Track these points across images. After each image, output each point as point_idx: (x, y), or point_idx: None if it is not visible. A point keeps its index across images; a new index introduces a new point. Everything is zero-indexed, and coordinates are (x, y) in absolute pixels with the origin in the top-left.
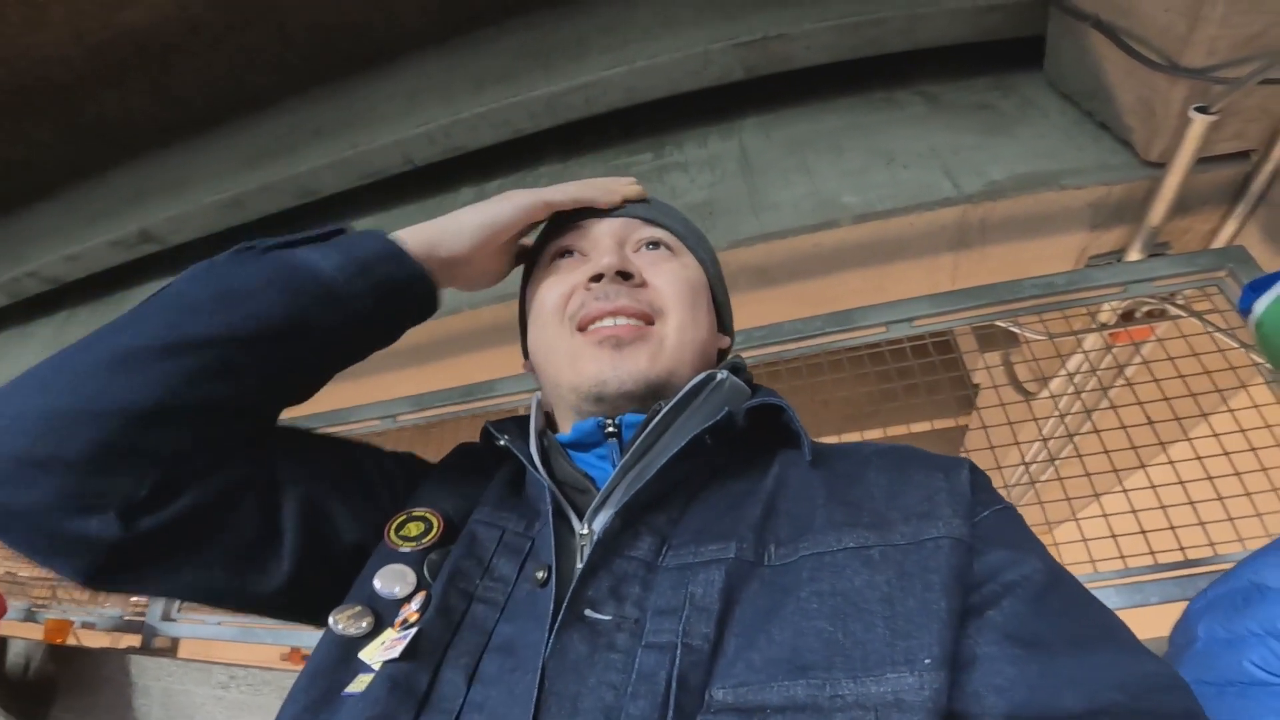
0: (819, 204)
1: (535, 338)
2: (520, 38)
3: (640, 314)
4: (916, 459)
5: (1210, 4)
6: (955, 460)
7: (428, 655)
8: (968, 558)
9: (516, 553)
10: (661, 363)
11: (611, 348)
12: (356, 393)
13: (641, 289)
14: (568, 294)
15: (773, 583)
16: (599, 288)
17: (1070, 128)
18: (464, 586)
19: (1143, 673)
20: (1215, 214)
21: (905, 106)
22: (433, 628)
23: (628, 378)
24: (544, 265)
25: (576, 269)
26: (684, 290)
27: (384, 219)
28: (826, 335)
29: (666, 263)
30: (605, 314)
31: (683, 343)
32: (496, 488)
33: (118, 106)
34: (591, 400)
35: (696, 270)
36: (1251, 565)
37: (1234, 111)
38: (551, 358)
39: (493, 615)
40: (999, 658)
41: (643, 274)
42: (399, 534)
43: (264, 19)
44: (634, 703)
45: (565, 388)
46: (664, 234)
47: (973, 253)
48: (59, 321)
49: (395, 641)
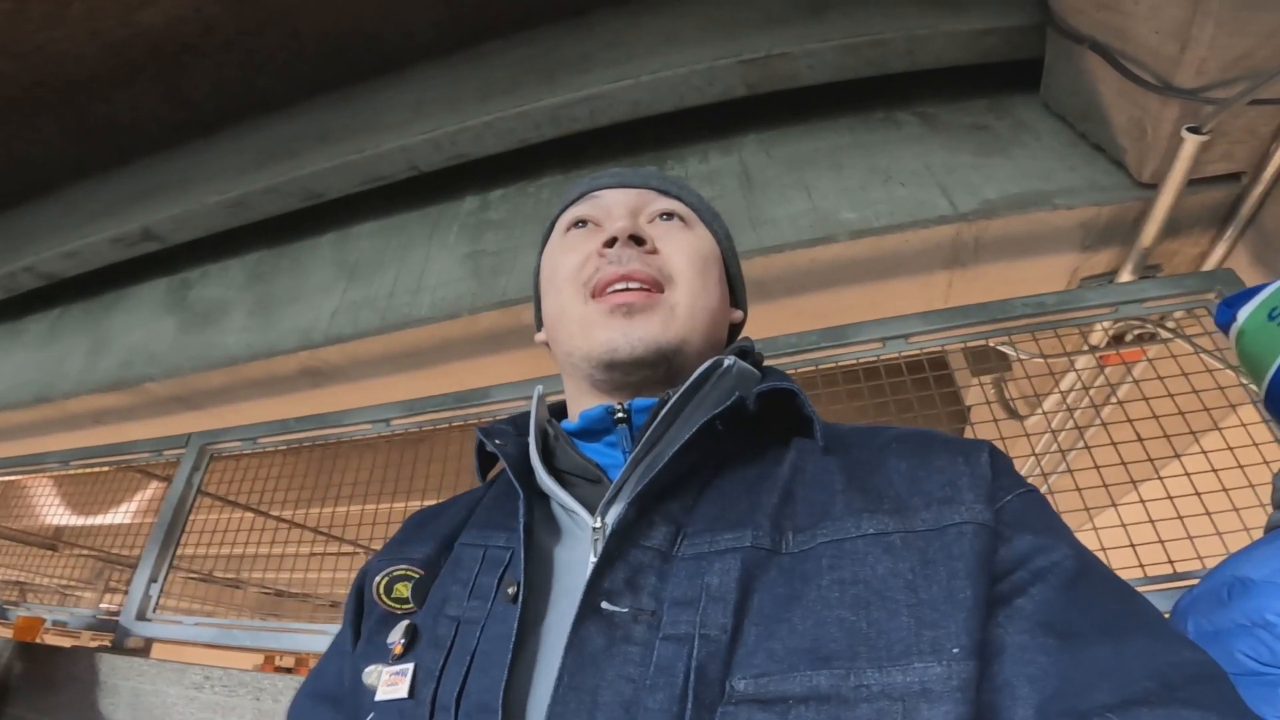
0: (817, 220)
1: (549, 306)
2: (527, 51)
3: (651, 279)
4: (937, 443)
5: (1200, 26)
6: (975, 443)
7: (424, 685)
8: (992, 543)
9: (498, 564)
10: (673, 329)
11: (623, 315)
12: (348, 397)
13: (653, 255)
14: (581, 261)
15: (791, 570)
16: (612, 253)
17: (1064, 149)
18: (452, 613)
19: (1178, 661)
20: (1205, 237)
21: (904, 126)
22: (425, 659)
23: (639, 343)
24: (559, 235)
25: (591, 238)
26: (695, 258)
27: (386, 224)
28: (822, 350)
29: (680, 233)
30: (618, 278)
31: (694, 310)
32: (488, 504)
33: (128, 106)
34: (603, 367)
35: (709, 241)
36: (1233, 562)
37: (1223, 133)
38: (565, 324)
39: (475, 633)
40: (1030, 647)
41: (655, 242)
42: (391, 597)
43: (278, 24)
44: (652, 695)
45: (578, 355)
46: (678, 205)
47: (967, 271)
48: (52, 319)
49: (395, 678)
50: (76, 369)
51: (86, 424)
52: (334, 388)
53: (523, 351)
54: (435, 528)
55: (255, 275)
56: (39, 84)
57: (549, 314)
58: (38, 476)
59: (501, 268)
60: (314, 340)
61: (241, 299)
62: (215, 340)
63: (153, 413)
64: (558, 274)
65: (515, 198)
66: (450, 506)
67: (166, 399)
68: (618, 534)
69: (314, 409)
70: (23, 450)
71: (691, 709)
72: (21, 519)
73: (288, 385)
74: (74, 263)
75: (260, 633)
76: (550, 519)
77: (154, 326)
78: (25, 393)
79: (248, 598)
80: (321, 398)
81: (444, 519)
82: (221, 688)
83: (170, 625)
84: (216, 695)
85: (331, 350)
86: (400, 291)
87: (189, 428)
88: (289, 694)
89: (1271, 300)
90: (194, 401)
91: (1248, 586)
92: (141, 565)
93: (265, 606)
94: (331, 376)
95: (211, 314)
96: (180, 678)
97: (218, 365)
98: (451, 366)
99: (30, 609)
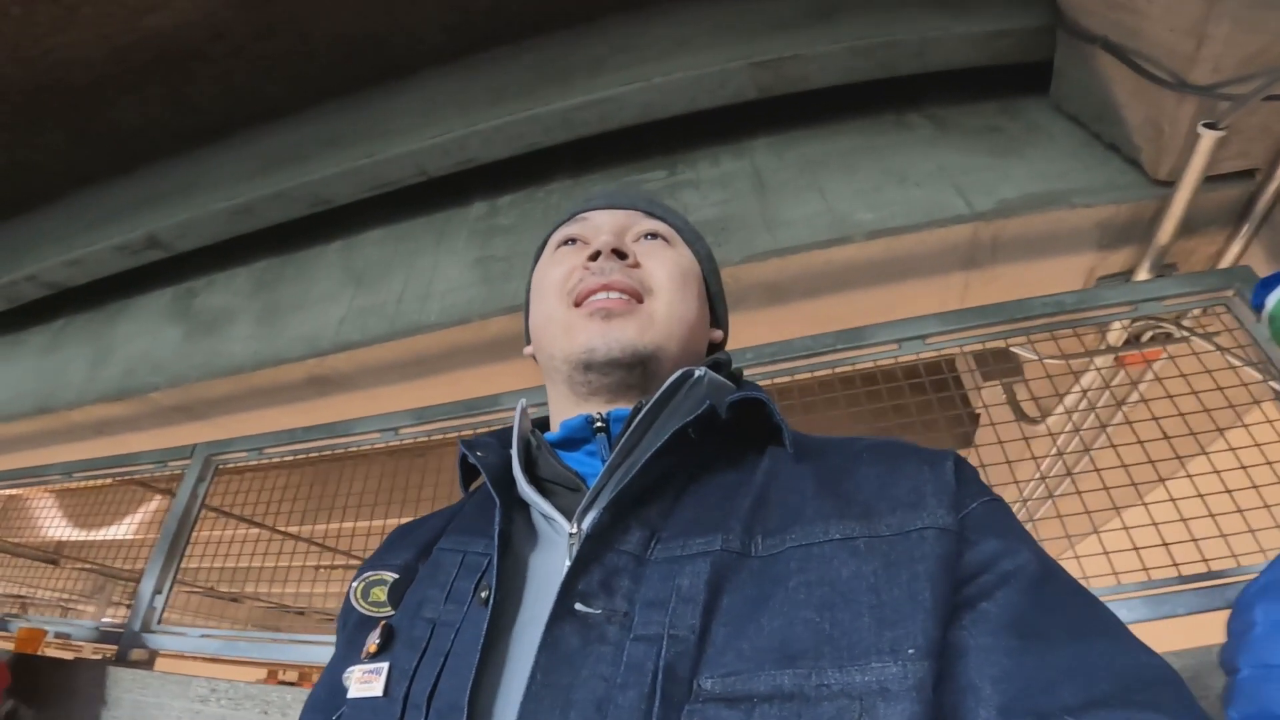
0: (833, 221)
1: (536, 314)
2: (537, 56)
3: (630, 290)
4: (906, 452)
5: (1215, 23)
6: (941, 453)
7: (398, 684)
8: (955, 547)
9: (475, 570)
10: (650, 335)
11: (602, 318)
12: (356, 405)
13: (635, 269)
14: (567, 273)
15: (761, 573)
16: (595, 265)
17: (1078, 149)
18: (428, 615)
19: (1138, 664)
20: (1221, 235)
21: (915, 129)
22: (400, 659)
23: (615, 345)
24: (549, 253)
25: (578, 254)
26: (675, 272)
27: (394, 231)
28: (838, 352)
29: (662, 250)
30: (599, 288)
31: (671, 319)
32: (468, 512)
33: (135, 112)
34: (581, 368)
35: (690, 259)
36: None
37: (1238, 129)
38: (548, 329)
39: (450, 635)
40: (994, 649)
41: (637, 257)
42: (368, 601)
43: (288, 28)
44: (623, 693)
45: (559, 358)
46: (662, 226)
47: (983, 272)
48: (55, 329)
49: (368, 676)
50: (79, 378)
51: (89, 434)
52: (341, 396)
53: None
54: (415, 537)
55: (261, 283)
56: (44, 89)
57: (536, 322)
58: (39, 490)
59: (511, 273)
60: (321, 348)
61: (248, 307)
62: (221, 349)
63: (156, 423)
64: (545, 285)
65: (524, 203)
66: (431, 519)
67: (171, 408)
68: (593, 538)
69: (321, 418)
70: (24, 462)
71: (660, 707)
72: (23, 532)
73: (294, 394)
74: (77, 271)
75: (266, 644)
76: (529, 527)
77: (158, 335)
78: (26, 403)
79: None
80: (329, 406)
81: (424, 529)
82: (227, 700)
83: (175, 637)
84: (222, 709)
85: (339, 358)
86: (409, 298)
87: (193, 438)
88: (296, 708)
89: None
90: (198, 411)
91: None
92: (146, 576)
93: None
94: (339, 385)
95: (217, 322)
96: (184, 690)
97: (223, 374)
98: (460, 374)
99: (31, 621)
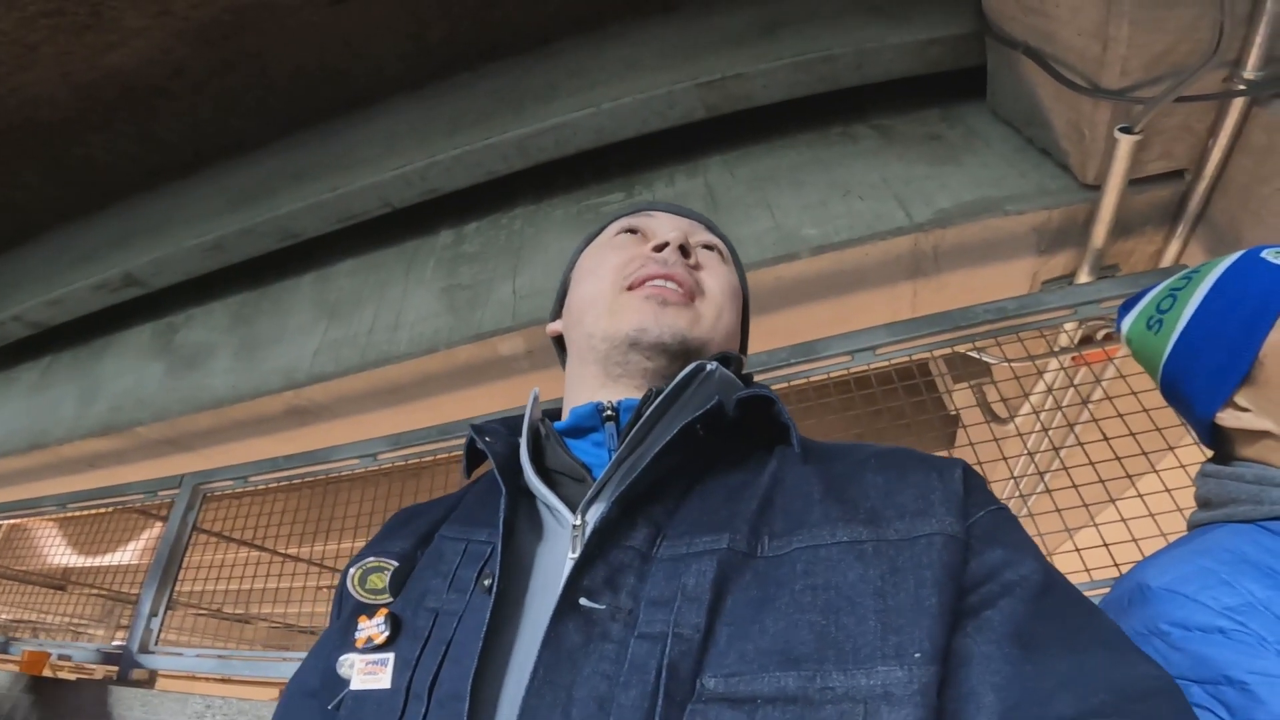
0: (780, 238)
1: (580, 292)
2: (494, 82)
3: (687, 286)
4: (913, 460)
5: (1116, 25)
6: (950, 461)
7: (400, 674)
8: (961, 555)
9: (478, 559)
10: (699, 331)
11: (658, 303)
12: (335, 433)
13: (695, 269)
14: (627, 259)
15: (765, 574)
16: (660, 256)
17: (1012, 155)
18: (431, 605)
19: (1136, 675)
20: (1158, 235)
21: (861, 140)
22: (403, 649)
23: (667, 330)
24: (608, 238)
25: (639, 244)
26: (726, 286)
27: (365, 261)
28: (792, 366)
29: (718, 264)
30: (661, 275)
31: (717, 325)
32: (471, 500)
33: (103, 149)
34: (626, 346)
35: (737, 281)
36: (1139, 568)
37: (1158, 131)
38: (591, 309)
39: (452, 624)
40: (996, 657)
41: (698, 260)
42: (365, 588)
43: (246, 63)
44: (626, 692)
45: (598, 336)
46: (719, 243)
47: (930, 281)
48: (42, 366)
49: (374, 667)
50: (69, 415)
51: (82, 468)
52: (320, 425)
53: (503, 383)
54: (416, 525)
55: (239, 317)
56: (14, 128)
57: (577, 299)
58: (45, 520)
59: (477, 301)
60: (297, 380)
61: (226, 341)
62: (202, 383)
63: (145, 455)
64: (602, 265)
65: (489, 230)
66: (432, 506)
67: (157, 441)
68: (599, 532)
69: (302, 446)
70: (21, 495)
71: (663, 706)
72: (29, 560)
73: (275, 424)
74: (59, 310)
75: (259, 662)
76: (534, 516)
77: (142, 371)
78: (20, 440)
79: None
80: (309, 435)
81: (425, 517)
82: (223, 716)
83: (171, 657)
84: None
85: (315, 389)
86: (379, 328)
87: (182, 468)
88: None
89: (1148, 310)
90: (185, 443)
91: (1145, 594)
92: (141, 601)
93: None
94: (317, 414)
95: (197, 357)
96: (182, 707)
97: (205, 407)
98: (434, 400)
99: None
